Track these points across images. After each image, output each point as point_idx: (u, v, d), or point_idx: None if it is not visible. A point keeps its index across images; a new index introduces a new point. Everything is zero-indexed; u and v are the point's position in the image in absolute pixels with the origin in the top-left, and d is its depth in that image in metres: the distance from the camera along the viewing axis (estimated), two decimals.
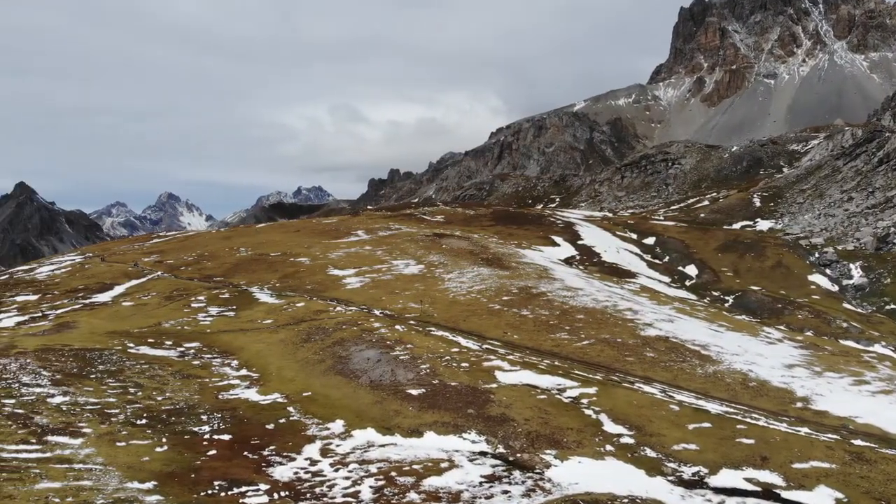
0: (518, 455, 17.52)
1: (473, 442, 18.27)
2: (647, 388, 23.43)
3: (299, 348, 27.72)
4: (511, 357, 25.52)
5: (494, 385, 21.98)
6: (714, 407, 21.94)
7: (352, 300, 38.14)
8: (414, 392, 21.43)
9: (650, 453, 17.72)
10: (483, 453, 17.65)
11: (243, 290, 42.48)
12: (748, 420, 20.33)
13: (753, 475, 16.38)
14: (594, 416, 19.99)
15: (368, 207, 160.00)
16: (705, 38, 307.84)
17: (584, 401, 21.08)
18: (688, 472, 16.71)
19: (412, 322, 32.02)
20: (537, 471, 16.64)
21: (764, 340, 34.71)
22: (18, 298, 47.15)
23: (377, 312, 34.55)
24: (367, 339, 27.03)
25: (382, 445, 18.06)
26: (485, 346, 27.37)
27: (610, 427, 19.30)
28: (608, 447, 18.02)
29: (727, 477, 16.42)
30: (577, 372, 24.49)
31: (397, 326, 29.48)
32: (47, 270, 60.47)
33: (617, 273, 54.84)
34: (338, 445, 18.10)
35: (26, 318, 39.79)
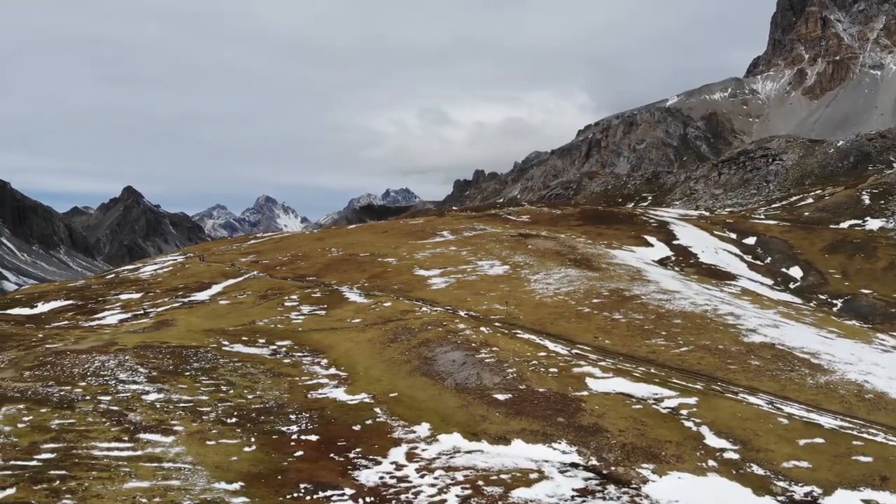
0: (612, 468, 16.56)
1: (564, 452, 17.45)
2: (752, 399, 21.85)
3: (386, 348, 27.62)
4: (603, 363, 24.43)
5: (585, 393, 21.02)
6: (827, 421, 20.18)
7: (437, 300, 37.88)
8: (500, 397, 20.78)
9: (757, 470, 16.42)
10: (574, 465, 16.80)
11: (334, 289, 43.05)
12: (865, 436, 18.58)
13: (872, 496, 14.96)
14: (695, 428, 18.72)
15: (453, 208, 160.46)
16: (805, 28, 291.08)
17: (684, 412, 19.81)
18: (799, 492, 15.36)
19: (497, 324, 31.36)
20: (633, 486, 15.66)
21: (878, 348, 31.99)
22: (122, 297, 49.65)
23: (462, 313, 34.10)
24: (453, 341, 26.59)
25: (469, 452, 17.53)
26: (574, 351, 26.36)
27: (712, 441, 18.02)
28: (711, 462, 16.81)
29: (843, 498, 15.06)
30: (675, 380, 23.13)
31: (482, 328, 28.90)
32: (150, 270, 63.59)
33: (716, 275, 52.15)
34: (423, 450, 17.70)
35: (128, 315, 41.77)
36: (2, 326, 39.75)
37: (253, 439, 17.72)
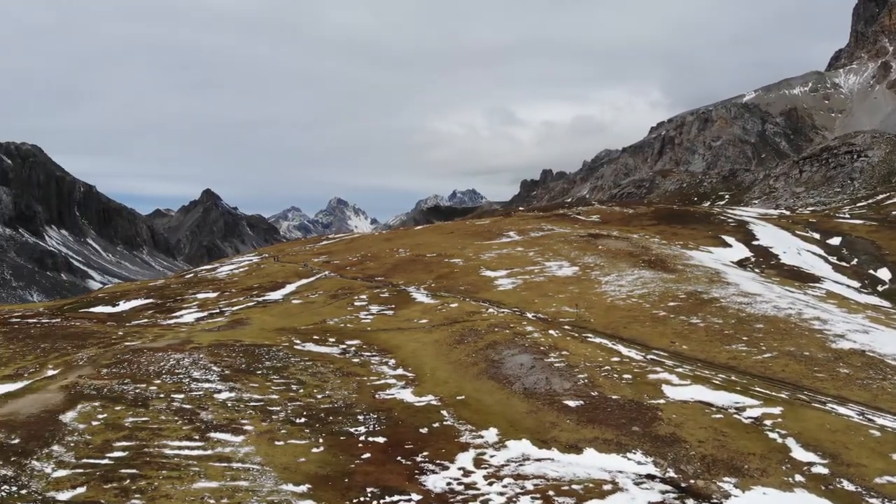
0: (691, 481, 15.69)
1: (639, 463, 16.66)
2: (841, 410, 20.45)
3: (452, 349, 27.31)
4: (680, 370, 23.37)
5: (662, 401, 20.11)
6: None
7: (503, 302, 37.35)
8: (571, 403, 20.10)
9: (848, 486, 15.40)
10: (650, 476, 16.01)
11: (401, 289, 43.15)
12: None
13: None
14: (780, 440, 17.62)
15: (520, 208, 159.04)
16: (889, 19, 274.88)
17: (768, 422, 18.67)
18: None
19: (567, 327, 30.58)
20: (714, 501, 14.78)
21: None
22: (199, 296, 51.19)
23: (529, 315, 33.46)
24: (520, 344, 26.02)
25: (538, 460, 16.97)
26: (649, 357, 25.35)
27: (799, 454, 16.93)
28: (798, 477, 15.78)
29: None
30: (757, 389, 21.89)
31: (551, 331, 28.21)
32: (227, 270, 65.49)
33: (799, 277, 49.59)
34: (492, 456, 17.25)
35: (205, 314, 42.96)
36: (84, 324, 41.54)
37: (321, 440, 17.69)
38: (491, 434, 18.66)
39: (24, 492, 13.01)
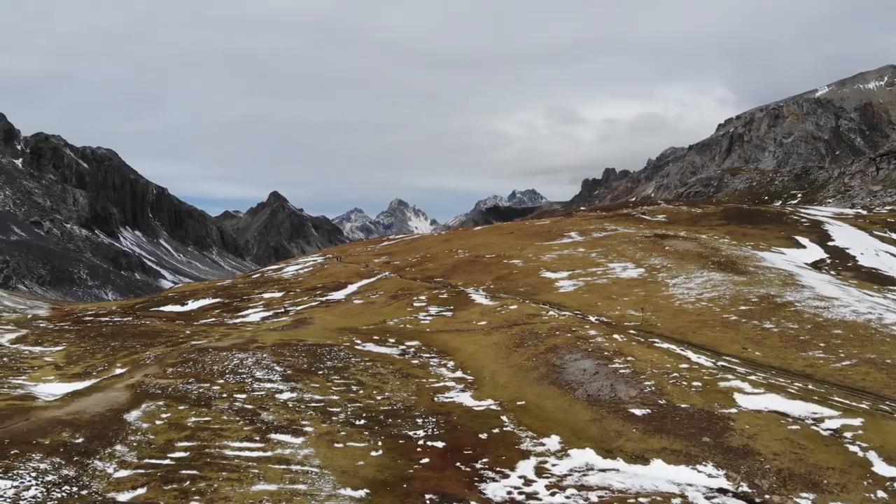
0: (766, 496, 14.85)
1: (710, 476, 15.88)
2: None
3: (512, 353, 26.86)
4: (753, 377, 22.27)
5: (734, 410, 19.17)
6: None
7: (565, 304, 36.58)
8: (637, 412, 19.37)
9: None
10: (722, 491, 15.22)
11: (460, 290, 42.91)
12: None
13: None
14: (861, 453, 16.54)
15: (581, 208, 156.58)
16: None
17: (848, 434, 17.56)
18: None
19: (632, 331, 29.66)
20: None
21: None
22: (265, 295, 52.24)
23: (592, 319, 32.65)
24: (583, 348, 25.34)
25: (603, 470, 16.38)
26: (720, 364, 24.28)
27: (881, 468, 15.89)
28: (880, 493, 14.81)
29: None
30: (836, 399, 20.64)
31: (615, 335, 27.40)
32: (292, 270, 66.73)
33: (878, 280, 46.92)
34: (554, 465, 16.75)
35: (270, 313, 43.76)
36: (154, 323, 42.91)
37: (380, 443, 17.56)
38: (553, 442, 18.16)
39: (84, 492, 13.24)
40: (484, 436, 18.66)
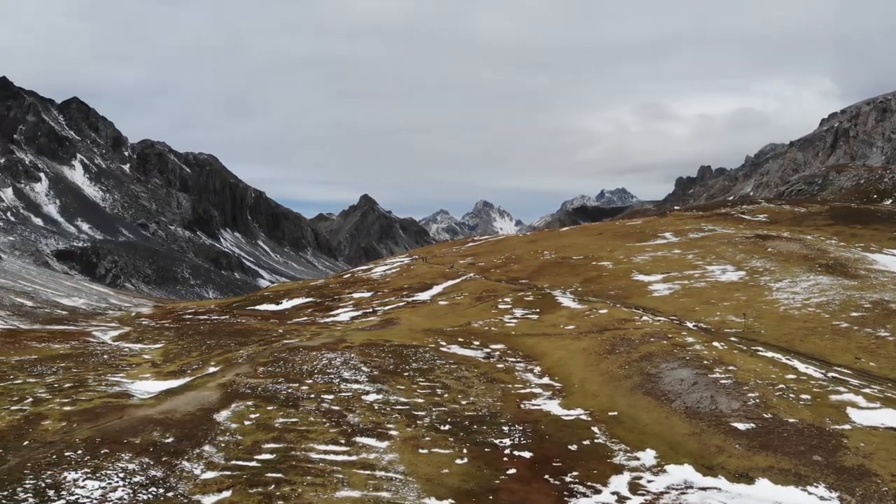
0: None
1: (822, 499, 14.58)
2: None
3: (603, 359, 25.84)
4: (867, 390, 20.44)
5: (847, 426, 17.59)
6: None
7: (659, 309, 35.03)
8: (740, 426, 18.07)
9: None
10: None
11: (546, 292, 42.02)
12: None
13: None
14: None
15: (676, 208, 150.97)
16: None
17: None
18: None
19: (733, 339, 27.97)
20: None
21: None
22: (355, 295, 53.08)
23: (689, 325, 31.06)
24: (680, 357, 24.03)
25: (703, 489, 15.31)
26: (830, 375, 22.45)
27: None
28: None
29: None
30: None
31: (715, 343, 25.87)
32: (381, 270, 67.64)
33: None
34: (649, 481, 15.81)
35: (359, 312, 44.35)
36: (249, 321, 44.31)
37: (465, 450, 17.12)
38: (648, 456, 17.18)
39: (170, 494, 13.39)
40: (574, 447, 17.90)
